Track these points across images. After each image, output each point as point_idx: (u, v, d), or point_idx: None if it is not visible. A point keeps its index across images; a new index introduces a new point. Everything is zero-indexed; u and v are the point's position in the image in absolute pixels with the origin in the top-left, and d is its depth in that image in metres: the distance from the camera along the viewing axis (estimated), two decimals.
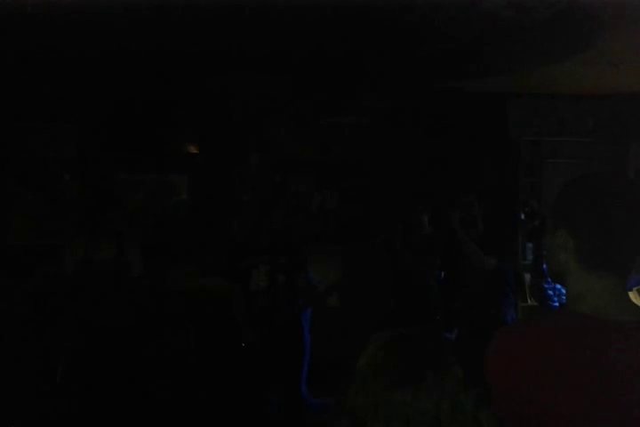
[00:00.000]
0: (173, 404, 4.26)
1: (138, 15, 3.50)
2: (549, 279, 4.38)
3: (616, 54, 4.13)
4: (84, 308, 3.86)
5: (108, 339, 3.97)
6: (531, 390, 1.15)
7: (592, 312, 1.21)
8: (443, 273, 4.57)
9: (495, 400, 1.02)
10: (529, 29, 3.60)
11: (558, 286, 4.45)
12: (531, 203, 5.31)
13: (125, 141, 5.54)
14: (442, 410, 0.91)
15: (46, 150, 5.51)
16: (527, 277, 5.03)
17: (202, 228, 5.59)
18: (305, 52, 4.29)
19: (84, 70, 4.73)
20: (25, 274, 4.08)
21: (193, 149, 5.58)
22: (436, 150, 5.69)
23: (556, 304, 4.43)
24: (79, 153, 5.58)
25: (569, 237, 1.26)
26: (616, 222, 1.22)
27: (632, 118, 5.50)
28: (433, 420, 0.90)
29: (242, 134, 5.82)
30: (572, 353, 1.17)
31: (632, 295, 2.26)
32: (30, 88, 5.14)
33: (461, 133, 5.58)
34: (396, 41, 3.97)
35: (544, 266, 4.38)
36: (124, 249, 4.13)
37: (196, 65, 4.62)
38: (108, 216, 4.08)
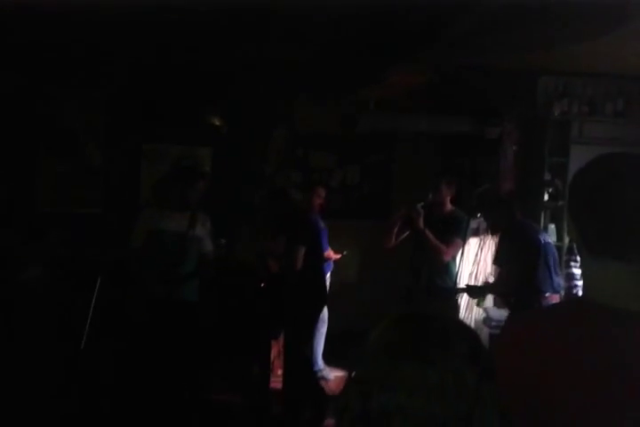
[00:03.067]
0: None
1: None
2: (578, 257, 4.36)
3: None
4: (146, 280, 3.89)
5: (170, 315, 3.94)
6: (537, 377, 1.16)
7: (604, 300, 1.18)
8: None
9: (502, 383, 1.02)
10: (560, 6, 3.53)
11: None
12: (556, 183, 5.25)
13: (152, 112, 5.58)
14: (445, 383, 0.95)
15: (73, 119, 5.56)
16: None
17: (224, 199, 5.64)
18: (333, 24, 4.25)
19: (111, 39, 4.74)
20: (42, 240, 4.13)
21: (218, 122, 5.60)
22: (461, 127, 5.64)
23: (577, 283, 4.42)
24: (106, 122, 5.63)
25: (572, 221, 1.24)
26: (620, 206, 1.15)
27: None
28: (436, 392, 0.94)
29: (266, 108, 5.82)
30: (579, 341, 1.16)
31: None
32: (58, 55, 5.18)
33: (489, 111, 5.53)
34: (427, 16, 3.91)
35: (574, 244, 4.36)
36: (197, 222, 4.00)
37: (223, 37, 4.61)
38: (188, 188, 3.96)
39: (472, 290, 4.32)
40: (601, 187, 1.19)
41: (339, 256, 5.56)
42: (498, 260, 4.19)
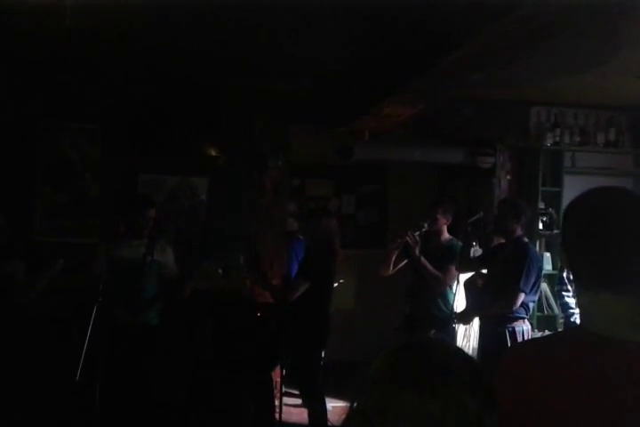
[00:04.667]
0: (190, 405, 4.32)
1: (161, 19, 3.56)
2: (569, 287, 4.39)
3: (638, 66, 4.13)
4: (112, 306, 3.91)
5: (133, 339, 4.02)
6: (536, 407, 1.17)
7: (600, 331, 1.19)
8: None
9: (501, 415, 1.02)
10: (552, 40, 3.60)
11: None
12: (550, 212, 5.30)
13: (148, 142, 5.61)
14: (447, 413, 0.94)
15: (71, 150, 5.60)
16: (543, 286, 5.03)
17: (220, 229, 5.64)
18: (328, 56, 4.33)
19: (109, 72, 4.81)
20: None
21: (214, 152, 5.64)
22: (455, 157, 5.69)
23: (574, 312, 4.41)
24: (103, 153, 5.66)
25: (565, 255, 1.28)
26: (608, 241, 1.18)
27: None
28: (438, 422, 0.94)
29: (263, 138, 5.87)
30: (576, 371, 1.17)
31: None
32: (57, 88, 5.23)
33: (482, 141, 5.60)
34: (419, 49, 3.99)
35: (564, 274, 4.38)
36: (154, 248, 4.15)
37: (218, 70, 4.68)
38: (140, 216, 4.11)
39: (461, 316, 4.31)
40: (591, 221, 1.21)
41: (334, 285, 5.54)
42: (487, 278, 4.21)
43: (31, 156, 5.53)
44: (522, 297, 3.84)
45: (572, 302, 4.24)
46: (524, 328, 3.90)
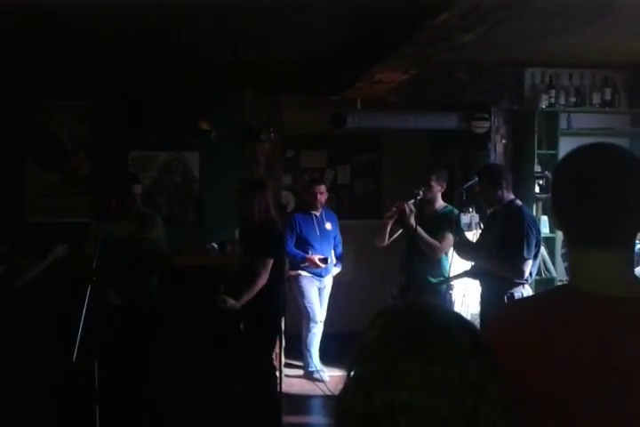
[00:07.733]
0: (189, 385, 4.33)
1: None
2: None
3: (634, 23, 4.03)
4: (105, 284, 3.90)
5: (128, 318, 4.04)
6: (525, 366, 1.15)
7: (586, 287, 1.19)
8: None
9: None
10: None
11: None
12: (545, 175, 5.25)
13: (138, 119, 5.54)
14: (450, 379, 0.92)
15: (60, 129, 5.53)
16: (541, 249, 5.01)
17: (214, 203, 5.61)
18: (316, 24, 4.23)
19: (96, 48, 4.71)
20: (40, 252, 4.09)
21: (205, 126, 5.56)
22: (449, 123, 5.62)
23: None
24: (92, 131, 5.58)
25: (554, 212, 1.26)
26: (597, 198, 1.17)
27: None
28: (441, 388, 0.92)
29: (254, 110, 5.79)
30: (566, 329, 1.16)
31: None
32: (44, 66, 5.15)
33: (476, 105, 5.51)
34: (409, 12, 3.89)
35: None
36: (145, 225, 4.15)
37: (208, 43, 4.58)
38: (125, 193, 4.10)
39: (453, 278, 4.27)
40: (579, 177, 1.20)
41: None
42: (482, 242, 4.18)
43: (19, 136, 5.46)
44: (529, 264, 3.82)
45: None
46: (524, 293, 3.88)
